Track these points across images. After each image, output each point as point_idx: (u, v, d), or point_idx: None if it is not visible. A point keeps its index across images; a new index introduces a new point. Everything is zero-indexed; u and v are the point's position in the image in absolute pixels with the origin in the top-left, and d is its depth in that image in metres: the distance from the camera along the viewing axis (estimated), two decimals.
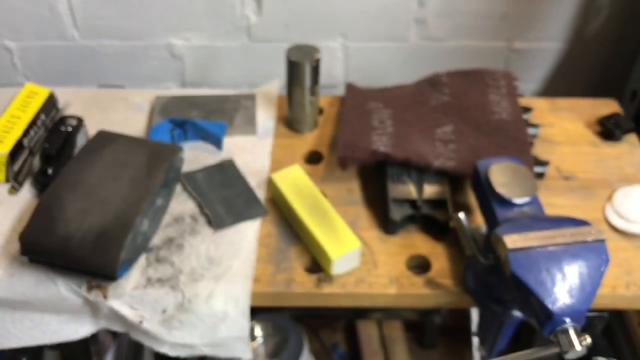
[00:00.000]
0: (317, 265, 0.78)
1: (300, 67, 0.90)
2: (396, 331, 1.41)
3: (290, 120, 0.98)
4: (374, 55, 1.19)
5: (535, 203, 0.72)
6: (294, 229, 0.82)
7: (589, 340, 0.59)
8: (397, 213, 0.81)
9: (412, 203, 0.82)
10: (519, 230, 0.64)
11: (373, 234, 0.82)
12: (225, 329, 0.73)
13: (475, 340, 1.28)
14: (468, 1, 1.12)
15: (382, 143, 0.86)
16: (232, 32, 1.16)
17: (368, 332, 1.40)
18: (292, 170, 0.85)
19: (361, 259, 0.78)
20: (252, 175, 0.89)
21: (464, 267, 0.77)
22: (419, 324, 1.42)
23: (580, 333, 0.60)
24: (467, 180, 0.85)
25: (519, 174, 0.74)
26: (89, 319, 0.78)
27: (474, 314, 1.31)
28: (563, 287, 0.60)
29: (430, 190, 0.82)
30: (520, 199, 0.71)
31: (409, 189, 0.82)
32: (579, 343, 0.59)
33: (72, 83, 1.23)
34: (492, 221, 0.72)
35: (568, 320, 0.59)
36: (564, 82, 1.25)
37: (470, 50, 1.19)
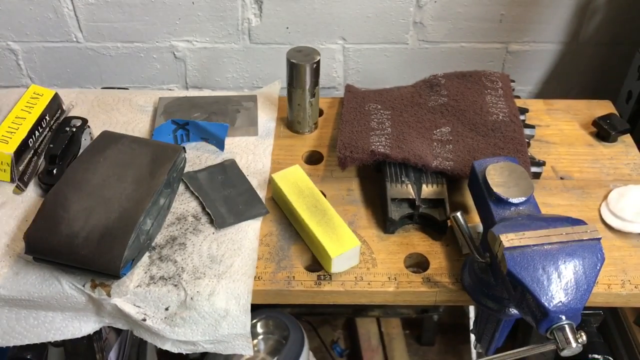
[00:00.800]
0: (317, 263, 0.78)
1: (301, 69, 0.90)
2: (395, 328, 1.42)
3: (291, 121, 0.98)
4: (373, 58, 1.20)
5: (531, 202, 0.72)
6: (294, 228, 0.82)
7: (584, 337, 0.60)
8: (396, 212, 0.81)
9: (411, 203, 0.82)
10: (516, 230, 0.64)
11: (372, 233, 0.82)
12: (226, 326, 0.74)
13: (472, 338, 1.28)
14: (465, 4, 1.12)
15: (380, 144, 0.87)
16: (234, 34, 1.16)
17: (367, 330, 1.40)
18: (293, 170, 0.85)
19: (360, 257, 0.78)
20: (253, 175, 0.90)
21: (461, 266, 0.77)
22: (418, 322, 1.43)
23: (576, 330, 0.60)
24: (465, 180, 0.85)
25: (515, 174, 0.74)
26: (93, 317, 0.78)
27: (472, 312, 1.31)
28: (559, 286, 0.61)
29: (428, 190, 0.82)
30: (516, 199, 0.71)
31: (407, 189, 0.82)
32: (574, 340, 0.59)
33: (77, 85, 1.24)
34: (489, 220, 0.72)
35: (564, 318, 0.60)
36: (560, 83, 1.26)
37: (467, 53, 1.20)
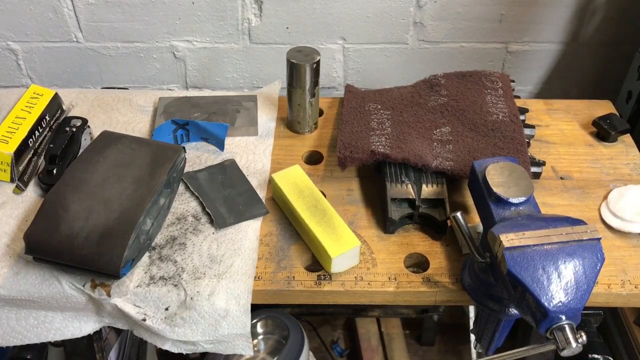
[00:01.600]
0: (317, 263, 0.78)
1: (301, 69, 0.90)
2: (395, 328, 1.42)
3: (291, 121, 0.98)
4: (372, 58, 1.20)
5: (531, 202, 0.72)
6: (294, 228, 0.82)
7: (584, 337, 0.60)
8: (396, 212, 0.81)
9: (411, 203, 0.82)
10: (516, 229, 0.64)
11: (372, 232, 0.82)
12: (226, 326, 0.74)
13: (472, 338, 1.28)
14: (465, 4, 1.12)
15: (380, 143, 0.87)
16: (234, 34, 1.16)
17: (367, 329, 1.40)
18: (293, 170, 0.85)
19: (360, 257, 0.78)
20: (253, 175, 0.90)
21: (461, 266, 0.77)
22: (417, 322, 1.43)
23: (576, 330, 0.60)
24: (465, 180, 0.86)
25: (515, 174, 0.74)
26: (93, 317, 0.78)
27: (472, 312, 1.31)
28: (559, 286, 0.61)
29: (428, 190, 0.82)
30: (516, 199, 0.71)
31: (407, 189, 0.82)
32: (574, 340, 0.59)
33: (77, 85, 1.24)
34: (489, 220, 0.72)
35: (564, 318, 0.60)
36: (559, 83, 1.26)
37: (467, 53, 1.20)
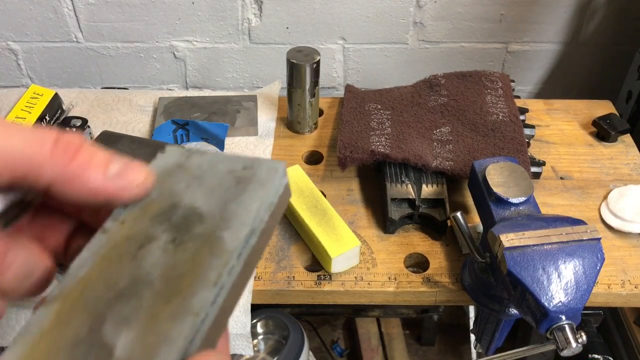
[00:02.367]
0: (317, 263, 0.78)
1: (301, 69, 0.90)
2: (395, 328, 1.42)
3: (291, 121, 0.98)
4: (372, 57, 1.20)
5: (531, 202, 0.72)
6: (294, 228, 0.82)
7: (584, 337, 0.60)
8: (396, 212, 0.81)
9: (411, 202, 0.82)
10: (516, 229, 0.64)
11: (372, 232, 0.82)
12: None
13: (472, 338, 1.28)
14: (465, 4, 1.13)
15: (380, 143, 0.87)
16: (234, 34, 1.16)
17: (367, 330, 1.40)
18: (293, 170, 0.85)
19: (360, 257, 0.78)
20: None
21: (461, 266, 0.78)
22: (418, 322, 1.43)
23: (576, 331, 0.60)
24: (465, 180, 0.86)
25: (515, 174, 0.74)
26: None
27: (472, 312, 1.31)
28: (559, 286, 0.61)
29: (428, 190, 0.82)
30: (516, 199, 0.71)
31: (407, 189, 0.82)
32: (574, 340, 0.59)
33: (77, 85, 1.24)
34: (489, 220, 0.72)
35: (564, 318, 0.60)
36: (560, 83, 1.26)
37: (467, 53, 1.20)
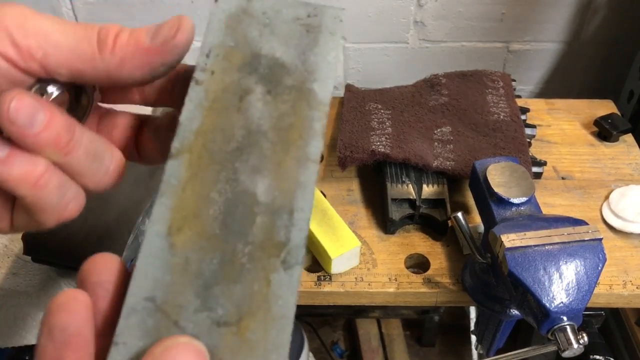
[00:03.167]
0: (317, 264, 0.78)
1: None
2: (395, 329, 1.42)
3: None
4: (373, 57, 1.20)
5: (532, 203, 0.72)
6: None
7: (586, 338, 0.59)
8: (396, 213, 0.81)
9: (411, 203, 0.82)
10: (517, 230, 0.64)
11: (372, 233, 0.82)
12: None
13: (473, 339, 1.28)
14: (466, 3, 1.12)
15: (381, 143, 0.86)
16: None
17: (367, 330, 1.40)
18: None
19: (360, 258, 0.78)
20: None
21: (462, 266, 0.77)
22: (418, 322, 1.43)
23: (578, 331, 0.60)
24: (466, 181, 0.85)
25: (516, 174, 0.74)
26: None
27: (473, 313, 1.31)
28: (560, 286, 0.60)
29: (429, 190, 0.82)
30: (517, 199, 0.71)
31: (408, 189, 0.82)
32: (576, 341, 0.59)
33: None
34: (490, 221, 0.72)
35: (565, 319, 0.59)
36: (561, 83, 1.25)
37: (468, 52, 1.19)
